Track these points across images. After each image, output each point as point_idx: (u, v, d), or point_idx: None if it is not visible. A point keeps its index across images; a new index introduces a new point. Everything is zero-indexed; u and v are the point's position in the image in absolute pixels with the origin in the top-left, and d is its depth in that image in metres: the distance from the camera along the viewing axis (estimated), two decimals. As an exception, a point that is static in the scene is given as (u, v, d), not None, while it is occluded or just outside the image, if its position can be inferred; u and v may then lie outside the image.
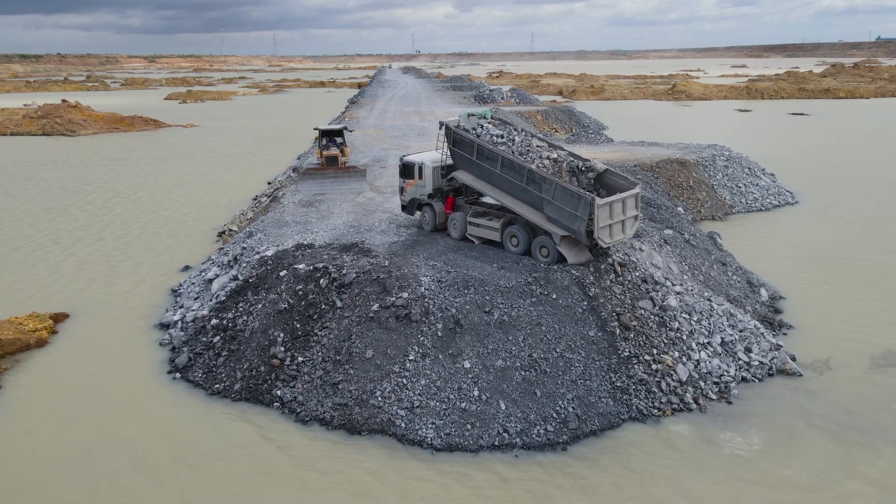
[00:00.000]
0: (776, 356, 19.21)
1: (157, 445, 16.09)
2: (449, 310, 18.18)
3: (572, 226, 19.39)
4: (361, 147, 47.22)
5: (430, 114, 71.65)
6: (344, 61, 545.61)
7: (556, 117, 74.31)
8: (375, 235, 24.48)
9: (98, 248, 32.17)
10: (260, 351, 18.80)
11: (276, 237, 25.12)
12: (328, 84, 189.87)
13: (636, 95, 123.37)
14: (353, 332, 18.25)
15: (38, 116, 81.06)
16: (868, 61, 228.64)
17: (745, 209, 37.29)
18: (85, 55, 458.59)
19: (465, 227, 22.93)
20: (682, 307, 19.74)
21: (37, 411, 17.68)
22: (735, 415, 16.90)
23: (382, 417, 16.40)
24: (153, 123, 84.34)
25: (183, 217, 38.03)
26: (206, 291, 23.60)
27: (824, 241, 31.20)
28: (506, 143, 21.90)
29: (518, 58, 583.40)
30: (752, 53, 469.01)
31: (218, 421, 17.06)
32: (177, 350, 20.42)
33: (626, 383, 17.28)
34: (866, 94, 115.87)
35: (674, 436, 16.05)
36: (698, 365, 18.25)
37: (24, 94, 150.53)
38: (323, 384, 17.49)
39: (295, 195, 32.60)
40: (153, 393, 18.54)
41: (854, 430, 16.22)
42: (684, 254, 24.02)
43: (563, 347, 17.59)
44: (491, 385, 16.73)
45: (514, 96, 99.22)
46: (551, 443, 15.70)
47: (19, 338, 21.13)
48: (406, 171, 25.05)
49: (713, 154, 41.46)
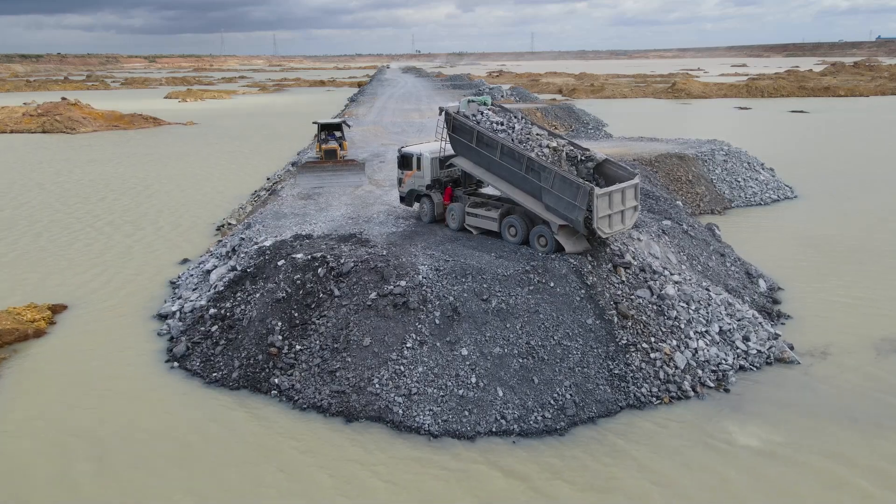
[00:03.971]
0: (774, 345, 19.20)
1: (155, 434, 16.08)
2: (447, 298, 18.18)
3: (570, 215, 19.36)
4: (361, 143, 47.24)
5: (429, 111, 71.62)
6: (344, 61, 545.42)
7: (556, 115, 74.21)
8: (374, 226, 24.48)
9: (97, 241, 32.17)
10: (258, 340, 18.79)
11: (274, 228, 25.12)
12: (328, 83, 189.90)
13: (636, 94, 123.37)
14: (350, 321, 18.25)
15: (37, 114, 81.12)
16: (868, 60, 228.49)
17: (744, 203, 37.28)
18: (85, 55, 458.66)
19: (463, 217, 22.93)
20: (680, 296, 19.73)
21: (35, 401, 17.67)
22: (732, 402, 16.90)
23: (380, 404, 16.39)
24: (153, 121, 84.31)
25: (182, 212, 38.03)
26: (204, 282, 23.60)
27: (823, 234, 31.20)
28: (506, 131, 21.86)
29: (518, 57, 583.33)
30: (753, 53, 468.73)
31: (216, 409, 17.06)
32: (175, 340, 20.42)
33: (623, 371, 17.27)
34: (866, 93, 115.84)
35: (671, 423, 16.04)
36: (696, 353, 18.25)
37: (25, 93, 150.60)
38: (321, 372, 17.48)
39: (293, 188, 32.60)
40: (151, 382, 18.54)
41: (852, 417, 16.21)
42: (682, 244, 24.01)
43: (560, 335, 17.58)
44: (488, 372, 16.72)
45: (513, 94, 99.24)
46: (549, 429, 15.70)
47: (17, 328, 21.14)
48: (404, 162, 25.04)
49: (712, 149, 41.46)
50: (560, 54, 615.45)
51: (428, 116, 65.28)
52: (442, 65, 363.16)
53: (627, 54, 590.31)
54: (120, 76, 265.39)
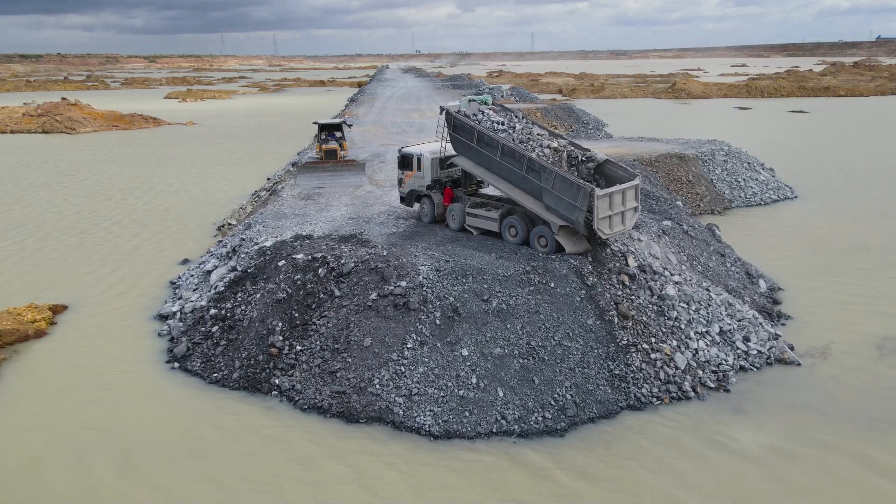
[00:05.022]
0: (774, 345, 19.20)
1: (155, 434, 16.08)
2: (447, 298, 18.18)
3: (571, 216, 19.37)
4: (361, 143, 47.24)
5: (429, 111, 71.62)
6: (344, 61, 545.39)
7: (556, 115, 74.21)
8: (374, 227, 24.48)
9: (97, 241, 32.16)
10: (258, 340, 18.80)
11: (274, 229, 25.13)
12: (328, 83, 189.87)
13: (636, 94, 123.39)
14: (351, 321, 18.25)
15: (37, 114, 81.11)
16: (868, 60, 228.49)
17: (745, 203, 37.28)
18: (85, 55, 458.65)
19: (463, 217, 22.93)
20: (681, 296, 19.74)
21: (35, 401, 17.68)
22: (733, 403, 16.90)
23: (380, 405, 16.40)
24: (153, 121, 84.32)
25: (182, 212, 38.03)
26: (204, 283, 23.61)
27: (823, 234, 31.20)
28: (506, 131, 21.85)
29: (519, 57, 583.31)
30: (753, 53, 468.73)
31: (216, 409, 17.06)
32: (175, 340, 20.42)
33: (624, 371, 17.28)
34: (866, 93, 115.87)
35: (672, 424, 16.04)
36: (696, 353, 18.26)
37: (25, 94, 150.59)
38: (321, 372, 17.49)
39: (294, 188, 32.61)
40: (151, 383, 18.54)
41: (852, 418, 16.22)
42: (683, 244, 24.01)
43: (561, 335, 17.59)
44: (489, 373, 16.73)
45: (513, 94, 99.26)
46: (549, 430, 15.70)
47: (18, 328, 21.14)
48: (404, 162, 25.04)
49: (712, 149, 41.45)
50: (560, 54, 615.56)
51: (428, 116, 65.28)
52: (442, 65, 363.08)
53: (627, 54, 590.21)
54: (120, 76, 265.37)
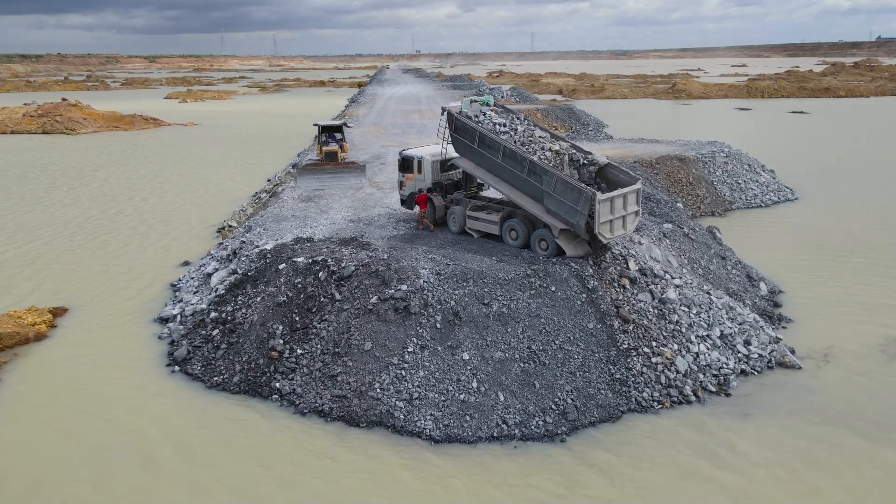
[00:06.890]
0: (775, 349, 19.18)
1: (155, 438, 16.06)
2: (448, 302, 18.16)
3: (572, 220, 19.35)
4: (361, 144, 47.23)
5: (429, 112, 71.59)
6: (344, 61, 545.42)
7: (556, 115, 74.20)
8: (374, 229, 24.47)
9: (97, 244, 32.15)
10: (259, 344, 18.78)
11: (275, 231, 25.11)
12: (328, 84, 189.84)
13: (636, 94, 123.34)
14: (351, 325, 18.23)
15: (37, 115, 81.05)
16: (868, 60, 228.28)
17: (745, 205, 37.26)
18: (85, 55, 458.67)
19: (464, 220, 22.91)
20: (682, 300, 19.71)
21: (35, 405, 17.66)
22: (734, 407, 16.87)
23: (381, 409, 16.38)
24: (153, 122, 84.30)
25: (182, 214, 38.01)
26: (205, 285, 23.59)
27: (824, 237, 31.17)
28: (508, 133, 21.82)
29: (519, 57, 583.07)
30: (753, 53, 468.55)
31: (216, 413, 17.04)
32: (176, 343, 20.39)
33: (625, 375, 17.26)
34: (866, 93, 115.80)
35: (673, 428, 16.02)
36: (697, 357, 18.23)
37: (25, 94, 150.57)
38: (322, 376, 17.47)
39: (294, 190, 32.59)
40: (152, 386, 18.52)
41: (853, 422, 16.18)
42: (683, 247, 24.00)
43: (561, 339, 17.57)
44: (490, 377, 16.71)
45: (513, 95, 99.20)
46: (550, 434, 15.68)
47: (18, 331, 21.12)
48: (405, 165, 25.04)
49: (713, 151, 41.43)
50: (561, 54, 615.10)
51: (428, 117, 65.27)
52: (442, 65, 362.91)
53: (628, 54, 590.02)
54: (120, 76, 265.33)
